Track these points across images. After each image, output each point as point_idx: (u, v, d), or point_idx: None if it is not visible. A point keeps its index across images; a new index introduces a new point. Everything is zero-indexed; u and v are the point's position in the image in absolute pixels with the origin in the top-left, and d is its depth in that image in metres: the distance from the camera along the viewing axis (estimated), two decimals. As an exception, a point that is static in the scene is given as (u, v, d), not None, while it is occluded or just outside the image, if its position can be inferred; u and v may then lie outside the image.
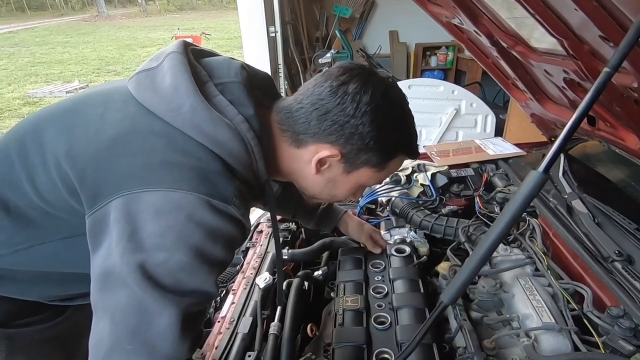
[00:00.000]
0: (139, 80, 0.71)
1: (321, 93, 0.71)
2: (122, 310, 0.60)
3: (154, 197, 0.61)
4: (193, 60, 0.72)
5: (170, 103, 0.66)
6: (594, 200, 1.12)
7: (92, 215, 0.63)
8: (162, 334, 0.60)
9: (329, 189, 0.81)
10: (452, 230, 1.27)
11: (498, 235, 0.35)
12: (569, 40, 0.70)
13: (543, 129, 1.53)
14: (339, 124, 0.70)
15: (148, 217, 0.60)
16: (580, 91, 0.92)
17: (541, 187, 0.32)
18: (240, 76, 0.72)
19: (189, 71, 0.68)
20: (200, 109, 0.66)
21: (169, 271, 0.60)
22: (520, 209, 0.33)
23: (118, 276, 0.59)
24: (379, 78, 0.73)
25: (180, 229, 0.61)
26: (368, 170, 0.77)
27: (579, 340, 0.83)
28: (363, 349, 0.85)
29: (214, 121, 0.66)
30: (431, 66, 4.74)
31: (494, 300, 0.98)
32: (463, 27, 1.23)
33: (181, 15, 21.29)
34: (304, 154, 0.75)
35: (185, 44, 0.75)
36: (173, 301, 0.60)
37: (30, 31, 16.64)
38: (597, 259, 0.95)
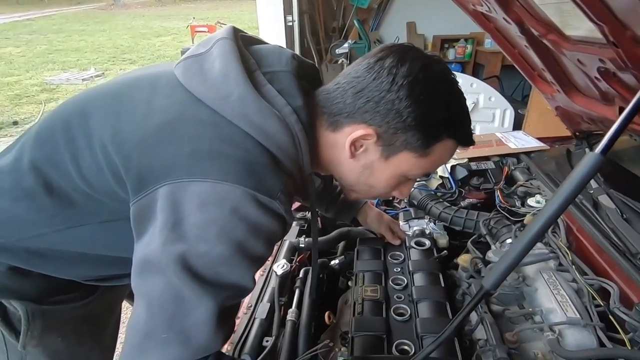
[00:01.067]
0: (186, 66, 0.69)
1: (358, 71, 0.69)
2: (158, 298, 0.60)
3: (201, 187, 0.60)
4: (242, 48, 0.70)
5: (219, 91, 0.65)
6: (621, 195, 1.09)
7: (138, 201, 0.63)
8: (198, 325, 0.60)
9: (366, 178, 0.76)
10: (472, 223, 1.25)
11: (548, 219, 0.33)
12: (610, 26, 0.67)
13: (568, 122, 1.49)
14: (374, 101, 0.66)
15: (193, 208, 0.60)
16: (615, 82, 0.89)
17: (598, 169, 0.31)
18: (290, 65, 0.70)
19: (239, 58, 0.66)
20: (249, 99, 0.64)
21: (209, 264, 0.60)
22: (574, 191, 0.31)
23: (157, 264, 0.60)
24: (419, 52, 0.69)
25: (224, 222, 0.60)
26: (408, 155, 0.70)
27: (604, 337, 0.81)
28: (383, 339, 0.85)
29: (263, 112, 0.64)
30: (449, 59, 4.65)
31: (516, 294, 0.96)
32: (491, 15, 1.19)
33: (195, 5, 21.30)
34: (340, 137, 0.72)
35: (235, 30, 0.73)
36: (211, 294, 0.60)
37: (48, 19, 16.83)
38: (624, 254, 0.93)
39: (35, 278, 0.82)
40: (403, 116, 0.67)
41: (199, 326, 0.60)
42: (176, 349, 0.60)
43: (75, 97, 0.78)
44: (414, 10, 4.51)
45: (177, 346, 0.60)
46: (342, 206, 1.19)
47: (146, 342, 0.60)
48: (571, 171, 0.32)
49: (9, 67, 8.83)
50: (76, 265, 0.83)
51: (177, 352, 0.60)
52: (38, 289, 0.84)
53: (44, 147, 0.72)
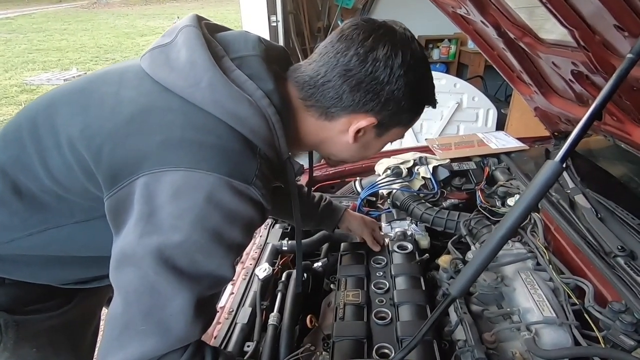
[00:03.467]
0: (152, 57, 0.68)
1: (348, 63, 0.67)
2: (135, 291, 0.60)
3: (174, 177, 0.59)
4: (208, 34, 0.69)
5: (187, 79, 0.64)
6: (596, 195, 1.12)
7: (113, 195, 0.62)
8: (176, 316, 0.60)
9: (361, 152, 0.82)
10: (453, 223, 1.27)
11: (510, 227, 0.34)
12: (581, 31, 0.68)
13: (547, 123, 1.51)
14: (373, 93, 0.69)
15: (167, 198, 0.59)
16: (588, 84, 0.91)
17: (557, 177, 0.31)
18: (258, 49, 0.69)
19: (204, 45, 0.65)
20: (219, 84, 0.63)
21: (185, 253, 0.60)
22: (534, 199, 0.32)
23: (133, 257, 0.59)
24: (402, 35, 0.71)
25: (198, 210, 0.59)
26: (398, 129, 0.78)
27: (579, 335, 0.82)
28: (363, 343, 0.85)
29: (234, 97, 0.63)
30: (433, 59, 4.69)
31: (495, 294, 0.98)
32: (469, 18, 1.21)
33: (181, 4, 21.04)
34: (336, 125, 0.73)
35: (199, 17, 0.72)
36: (188, 284, 0.60)
37: (28, 17, 16.42)
38: (599, 254, 0.95)
39: (9, 287, 0.80)
40: (401, 102, 0.71)
41: (176, 317, 0.60)
42: (154, 339, 0.59)
43: (43, 96, 0.76)
44: (399, 10, 4.52)
45: (155, 337, 0.59)
46: (323, 216, 1.17)
47: (125, 334, 0.60)
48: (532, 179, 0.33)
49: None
50: (53, 268, 0.81)
51: (155, 343, 0.59)
52: (12, 298, 0.81)
53: (10, 148, 0.71)
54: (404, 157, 1.61)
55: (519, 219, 0.34)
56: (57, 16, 16.94)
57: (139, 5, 20.87)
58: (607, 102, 0.35)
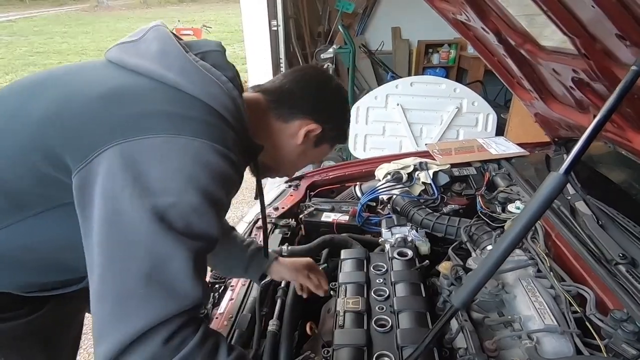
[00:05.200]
0: (121, 49, 0.73)
1: (310, 81, 0.86)
2: (134, 255, 0.58)
3: (155, 141, 0.60)
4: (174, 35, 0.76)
5: (160, 64, 0.68)
6: (597, 202, 1.11)
7: (83, 168, 0.60)
8: (178, 274, 0.59)
9: (299, 159, 0.91)
10: (453, 229, 1.26)
11: (514, 238, 0.33)
12: (582, 39, 0.68)
13: (547, 129, 1.51)
14: (323, 104, 0.85)
15: (152, 162, 0.60)
16: (589, 91, 0.91)
17: (561, 189, 0.31)
18: (220, 47, 0.77)
19: (174, 39, 0.72)
20: (190, 69, 0.68)
21: (180, 214, 0.60)
22: (538, 211, 0.31)
23: (129, 221, 0.58)
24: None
25: (188, 171, 0.61)
26: (326, 145, 0.91)
27: (581, 343, 0.82)
28: (363, 351, 0.84)
29: (205, 79, 0.69)
30: (433, 63, 4.71)
31: (496, 301, 0.97)
32: (470, 24, 1.21)
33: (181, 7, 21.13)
34: (290, 127, 0.85)
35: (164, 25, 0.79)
36: (186, 243, 0.60)
37: (29, 20, 16.47)
38: (600, 261, 0.94)
39: None
40: (337, 122, 0.89)
41: (179, 275, 0.59)
42: (160, 301, 0.57)
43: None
44: (399, 15, 4.55)
45: (161, 299, 0.57)
46: (250, 263, 1.10)
47: (124, 305, 0.57)
48: (536, 191, 0.33)
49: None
50: (14, 272, 0.78)
51: (161, 304, 0.57)
52: None
53: None
54: (404, 162, 1.61)
55: (522, 230, 0.33)
56: (58, 19, 17.00)
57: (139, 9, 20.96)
58: (612, 114, 0.34)
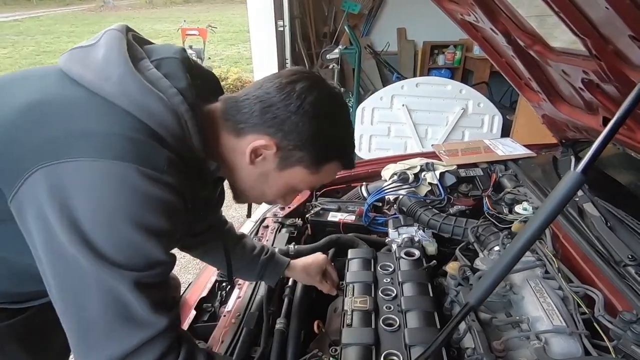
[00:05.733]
0: (71, 55, 0.69)
1: (269, 87, 0.71)
2: (85, 289, 0.58)
3: (79, 165, 0.57)
4: (130, 39, 0.71)
5: (99, 73, 0.64)
6: (606, 203, 1.11)
7: (15, 195, 0.58)
8: (132, 305, 0.59)
9: (260, 184, 0.79)
10: (460, 230, 1.26)
11: (530, 237, 0.34)
12: (593, 40, 0.69)
13: (554, 130, 1.51)
14: (280, 118, 0.70)
15: (76, 190, 0.56)
16: (599, 93, 0.91)
17: (578, 188, 0.32)
18: (178, 54, 0.72)
19: (123, 46, 0.67)
20: (129, 79, 0.64)
21: (116, 248, 0.58)
22: (555, 210, 0.32)
23: (69, 255, 0.57)
24: (327, 85, 0.75)
25: (114, 201, 0.57)
26: (301, 170, 0.75)
27: (589, 345, 0.82)
28: (371, 349, 0.85)
29: (144, 90, 0.64)
30: (438, 65, 4.71)
31: (503, 302, 0.97)
32: (478, 25, 1.21)
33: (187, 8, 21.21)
34: (242, 144, 0.73)
35: (126, 27, 0.74)
36: (131, 275, 0.59)
37: (35, 20, 16.60)
38: (609, 262, 0.94)
39: None
40: (303, 137, 0.71)
41: (134, 306, 0.59)
42: (122, 332, 0.59)
43: None
44: (405, 16, 4.55)
45: (123, 330, 0.59)
46: (264, 270, 1.10)
47: (88, 338, 0.59)
48: (553, 190, 0.33)
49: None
50: None
51: (124, 335, 0.59)
52: None
53: None
54: (410, 163, 1.61)
55: (539, 229, 0.34)
56: (64, 19, 17.11)
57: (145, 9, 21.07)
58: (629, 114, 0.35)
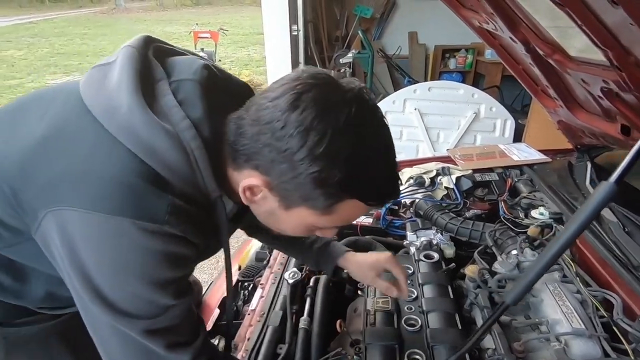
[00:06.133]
0: (91, 74, 0.65)
1: (266, 103, 0.57)
2: (109, 335, 0.62)
3: (76, 217, 0.56)
4: (150, 56, 0.65)
5: (110, 101, 0.59)
6: (623, 209, 1.13)
7: (37, 232, 0.60)
8: (154, 350, 0.62)
9: (274, 222, 0.69)
10: (477, 233, 1.28)
11: (566, 241, 0.36)
12: (615, 51, 0.71)
13: (570, 136, 1.53)
14: (273, 152, 0.56)
15: (79, 241, 0.57)
16: (618, 101, 0.93)
17: (612, 198, 0.34)
18: (198, 74, 0.64)
19: (135, 67, 0.61)
20: (137, 111, 0.57)
21: (124, 301, 0.59)
22: (589, 217, 0.34)
23: (84, 300, 0.60)
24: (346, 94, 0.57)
25: (115, 257, 0.58)
26: (309, 210, 0.62)
27: (609, 347, 0.84)
28: (395, 348, 0.87)
29: (151, 126, 0.57)
30: (450, 68, 4.72)
31: (522, 305, 0.99)
32: (496, 33, 1.23)
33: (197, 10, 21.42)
34: (239, 179, 0.63)
35: (147, 39, 0.68)
36: (145, 323, 0.61)
37: (50, 22, 16.89)
38: (627, 267, 0.96)
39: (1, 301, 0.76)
40: (301, 179, 0.57)
41: (155, 351, 0.62)
42: None
43: None
44: (416, 20, 4.57)
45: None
46: (318, 259, 1.05)
47: None
48: (587, 198, 0.36)
49: (10, 70, 8.85)
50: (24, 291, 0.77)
51: None
52: (4, 312, 0.78)
53: None
54: (426, 167, 1.63)
55: (572, 236, 0.36)
56: (77, 21, 17.38)
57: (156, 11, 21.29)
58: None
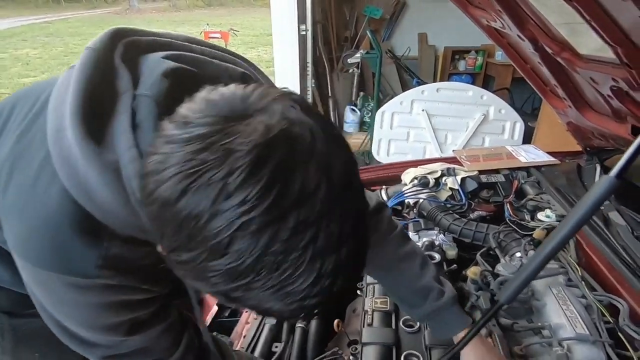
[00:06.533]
0: (61, 80, 0.54)
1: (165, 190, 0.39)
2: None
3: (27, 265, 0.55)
4: (114, 61, 0.52)
5: (58, 121, 0.49)
6: (632, 212, 1.10)
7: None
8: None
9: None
10: (481, 235, 1.26)
11: (563, 238, 0.35)
12: (624, 48, 0.69)
13: (579, 138, 1.49)
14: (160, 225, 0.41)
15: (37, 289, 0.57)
16: (628, 101, 0.90)
17: (612, 192, 0.32)
18: (155, 87, 0.50)
19: (87, 79, 0.49)
20: (74, 139, 0.47)
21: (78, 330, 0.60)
22: (588, 213, 0.33)
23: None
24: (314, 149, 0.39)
25: (57, 306, 0.58)
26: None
27: (613, 354, 0.81)
28: (392, 349, 0.86)
29: (86, 157, 0.47)
30: (459, 70, 4.67)
31: (525, 308, 0.97)
32: (504, 32, 1.21)
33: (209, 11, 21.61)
34: None
35: (115, 34, 0.54)
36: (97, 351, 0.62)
37: (64, 22, 17.17)
38: (635, 272, 0.93)
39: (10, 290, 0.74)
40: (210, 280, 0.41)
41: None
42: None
43: None
44: (426, 21, 4.54)
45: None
46: (430, 319, 0.82)
47: None
48: (586, 193, 0.34)
49: (25, 69, 9.02)
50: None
51: None
52: (13, 301, 0.76)
53: None
54: (431, 167, 1.61)
55: (570, 232, 0.35)
56: (91, 21, 17.65)
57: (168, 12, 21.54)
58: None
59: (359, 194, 0.42)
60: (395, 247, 0.80)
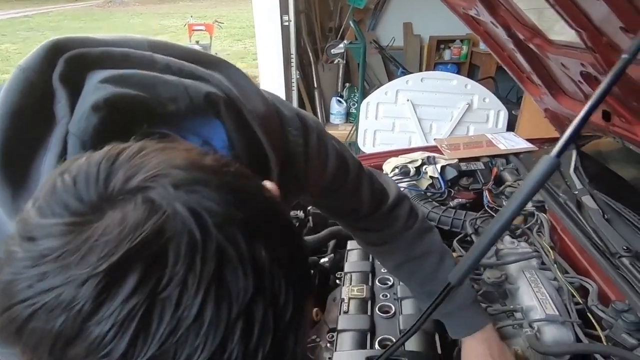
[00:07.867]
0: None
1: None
2: None
3: None
4: (51, 84, 0.43)
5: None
6: (604, 196, 1.12)
7: None
8: None
9: None
10: (459, 222, 1.28)
11: (507, 218, 0.35)
12: (588, 32, 0.69)
13: (556, 124, 1.51)
14: None
15: None
16: (597, 85, 0.91)
17: (553, 172, 0.33)
18: (83, 122, 0.42)
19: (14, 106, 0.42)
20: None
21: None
22: (530, 192, 0.33)
23: None
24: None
25: None
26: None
27: (581, 333, 0.83)
28: (366, 335, 0.87)
29: (3, 206, 0.41)
30: (445, 59, 4.68)
31: (499, 292, 0.99)
32: (480, 19, 1.22)
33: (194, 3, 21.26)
34: None
35: (55, 48, 0.46)
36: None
37: (45, 16, 16.75)
38: (604, 254, 0.95)
39: None
40: None
41: None
42: None
43: None
44: (411, 10, 4.53)
45: None
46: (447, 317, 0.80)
47: None
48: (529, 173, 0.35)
49: (5, 65, 8.81)
50: None
51: None
52: None
53: None
54: (412, 157, 1.62)
55: (514, 212, 0.35)
56: (73, 15, 17.26)
57: (153, 4, 21.13)
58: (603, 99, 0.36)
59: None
60: (408, 246, 0.79)
